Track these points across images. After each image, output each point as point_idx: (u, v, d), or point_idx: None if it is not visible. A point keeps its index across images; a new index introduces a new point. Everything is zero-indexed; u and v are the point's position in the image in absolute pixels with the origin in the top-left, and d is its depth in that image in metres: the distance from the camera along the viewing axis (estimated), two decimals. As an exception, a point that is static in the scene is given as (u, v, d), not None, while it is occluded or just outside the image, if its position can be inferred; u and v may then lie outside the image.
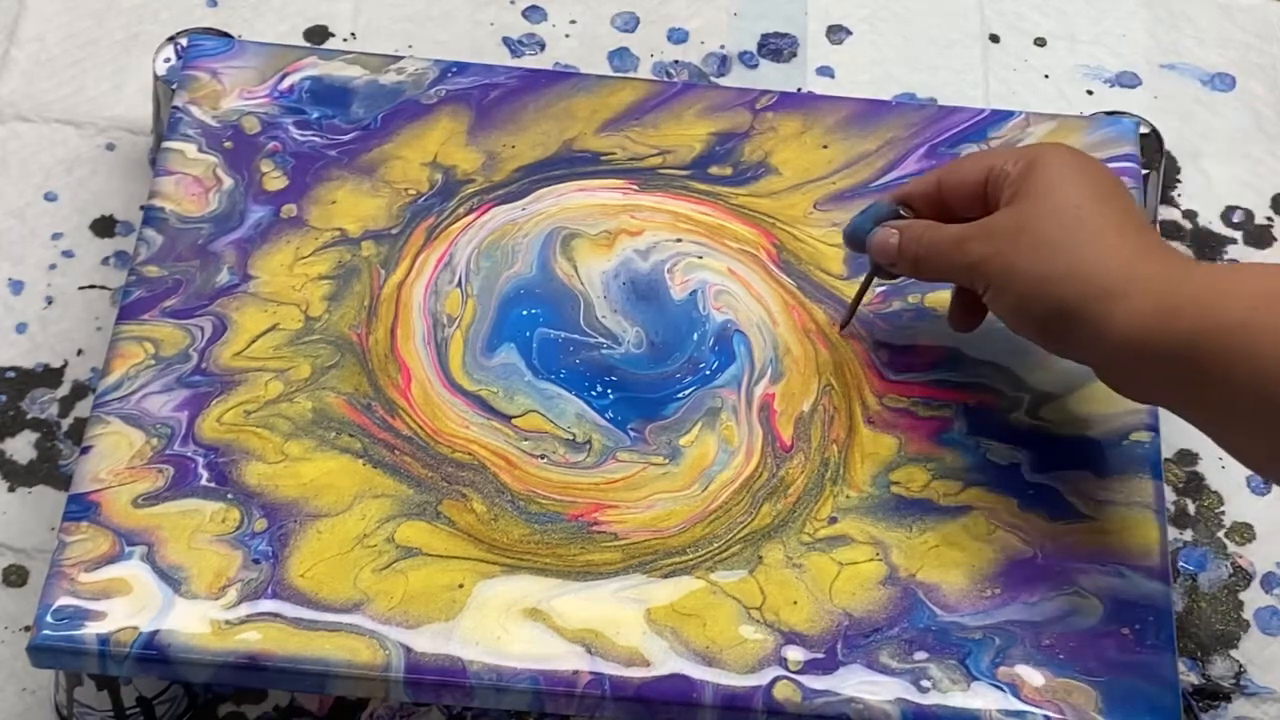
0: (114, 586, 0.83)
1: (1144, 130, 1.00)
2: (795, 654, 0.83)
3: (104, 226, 1.04)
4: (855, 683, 0.82)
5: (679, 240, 0.95)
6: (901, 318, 0.93)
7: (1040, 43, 1.12)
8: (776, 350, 0.92)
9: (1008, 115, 0.99)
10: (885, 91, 1.09)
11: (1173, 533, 0.96)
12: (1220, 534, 0.97)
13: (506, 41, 1.11)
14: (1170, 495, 0.98)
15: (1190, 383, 0.77)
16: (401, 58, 1.00)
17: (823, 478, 0.88)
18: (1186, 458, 0.99)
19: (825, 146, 0.98)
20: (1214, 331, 0.75)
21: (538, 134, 0.98)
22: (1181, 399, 0.79)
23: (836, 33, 1.12)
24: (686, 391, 0.90)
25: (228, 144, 0.96)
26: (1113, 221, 0.80)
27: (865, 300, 0.92)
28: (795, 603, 0.84)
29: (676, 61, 1.10)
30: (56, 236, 1.03)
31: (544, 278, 0.93)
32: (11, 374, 0.99)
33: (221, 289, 0.92)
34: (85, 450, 0.87)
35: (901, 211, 0.88)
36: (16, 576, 0.93)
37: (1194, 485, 0.98)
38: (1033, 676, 0.83)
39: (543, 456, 0.88)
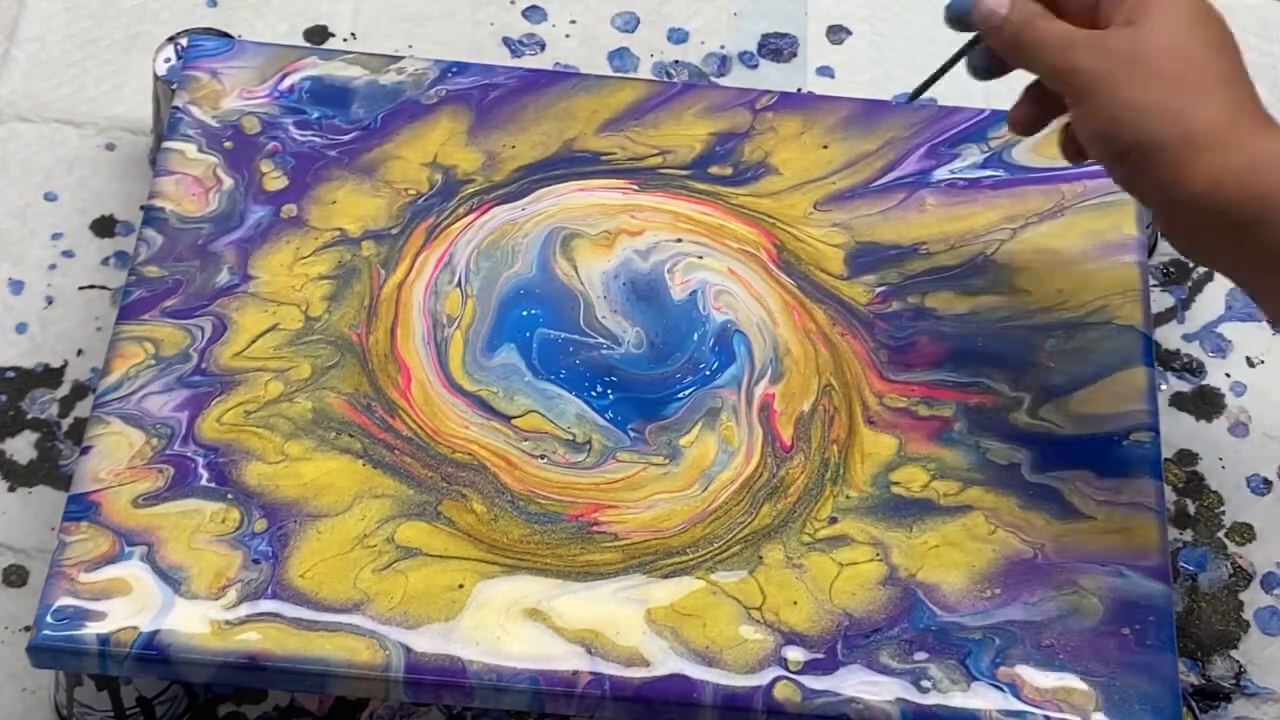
0: (114, 586, 0.83)
1: (1144, 130, 1.00)
2: (795, 654, 0.83)
3: (104, 226, 1.04)
4: (855, 683, 0.82)
5: (679, 240, 0.95)
6: (901, 318, 0.93)
7: (1040, 43, 1.12)
8: (776, 350, 0.92)
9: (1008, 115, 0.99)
10: (885, 91, 1.09)
11: (1173, 533, 0.96)
12: (1220, 534, 0.97)
13: (506, 41, 1.11)
14: (1170, 495, 0.98)
15: (1253, 249, 0.77)
16: (401, 58, 1.00)
17: (823, 478, 0.88)
18: (1186, 458, 0.99)
19: (825, 146, 0.98)
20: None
21: (538, 134, 0.98)
22: (1241, 264, 0.79)
23: (836, 33, 1.12)
24: (686, 392, 0.90)
25: (228, 144, 0.96)
26: (1222, 73, 0.79)
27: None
28: (795, 603, 0.84)
29: (676, 61, 1.10)
30: (56, 236, 1.03)
31: (544, 278, 0.93)
32: (11, 374, 0.99)
33: (221, 289, 0.92)
34: (85, 450, 0.87)
35: None
36: (16, 576, 0.93)
37: (1194, 485, 0.98)
38: (1033, 676, 0.83)
39: (543, 457, 0.88)
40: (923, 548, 0.86)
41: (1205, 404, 1.01)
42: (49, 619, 0.82)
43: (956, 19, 0.87)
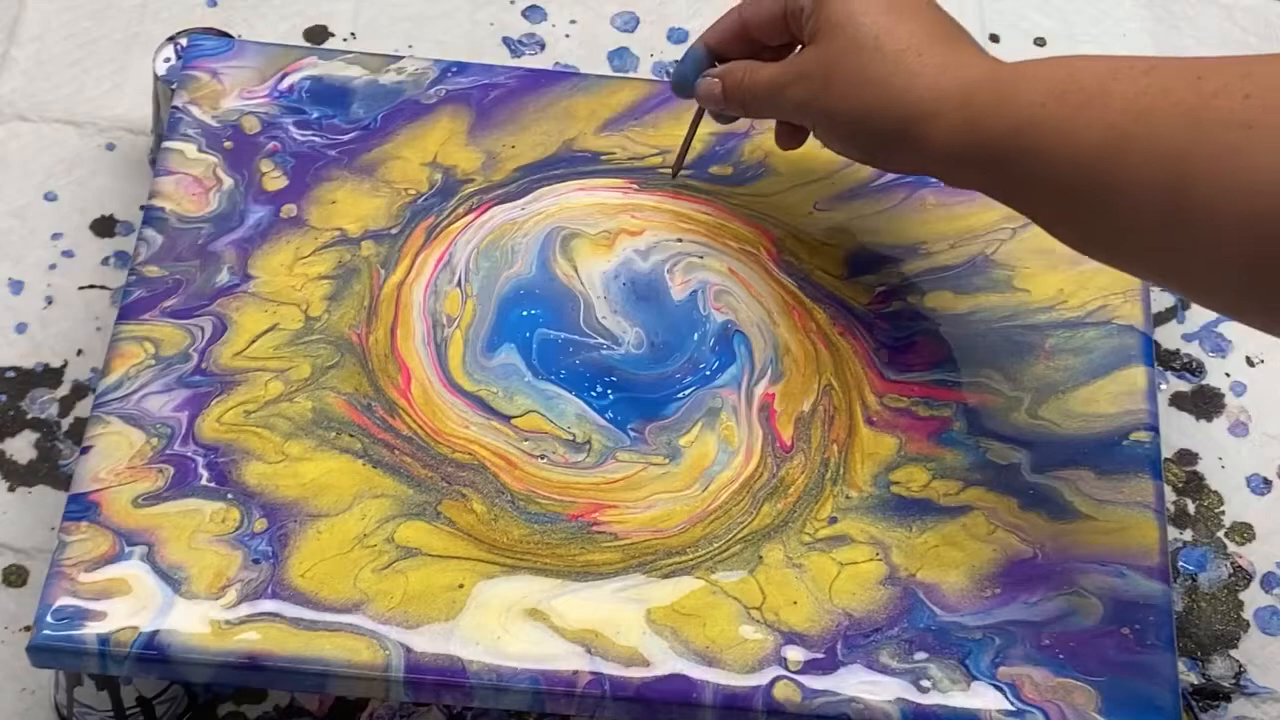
0: (114, 586, 0.83)
1: (1144, 130, 1.00)
2: (795, 654, 0.83)
3: (104, 226, 1.04)
4: (855, 683, 0.82)
5: (679, 240, 0.95)
6: (901, 317, 0.93)
7: (1040, 43, 1.12)
8: (777, 350, 0.92)
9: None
10: (885, 91, 1.09)
11: (1173, 533, 0.96)
12: (1220, 534, 0.97)
13: (506, 41, 1.11)
14: (1170, 495, 0.98)
15: (1004, 181, 0.80)
16: (401, 58, 1.00)
17: (823, 478, 0.88)
18: (1186, 458, 0.99)
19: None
20: (1011, 134, 0.78)
21: (538, 134, 0.98)
22: (1002, 195, 0.81)
23: (836, 33, 1.12)
24: (686, 392, 0.90)
25: (228, 144, 0.96)
26: (911, 41, 0.82)
27: (694, 141, 0.96)
28: (795, 603, 0.84)
29: (677, 62, 1.10)
30: (56, 236, 1.03)
31: (544, 278, 0.93)
32: (11, 374, 0.99)
33: (221, 289, 0.92)
34: (85, 450, 0.87)
35: (715, 56, 0.92)
36: (16, 576, 0.93)
37: (1194, 485, 0.98)
38: (1033, 676, 0.83)
39: (543, 457, 0.88)
40: (923, 547, 0.86)
41: (1205, 404, 1.01)
42: (49, 619, 0.82)
43: (679, 89, 0.94)
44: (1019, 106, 0.78)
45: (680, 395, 0.90)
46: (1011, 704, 0.82)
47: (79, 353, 0.99)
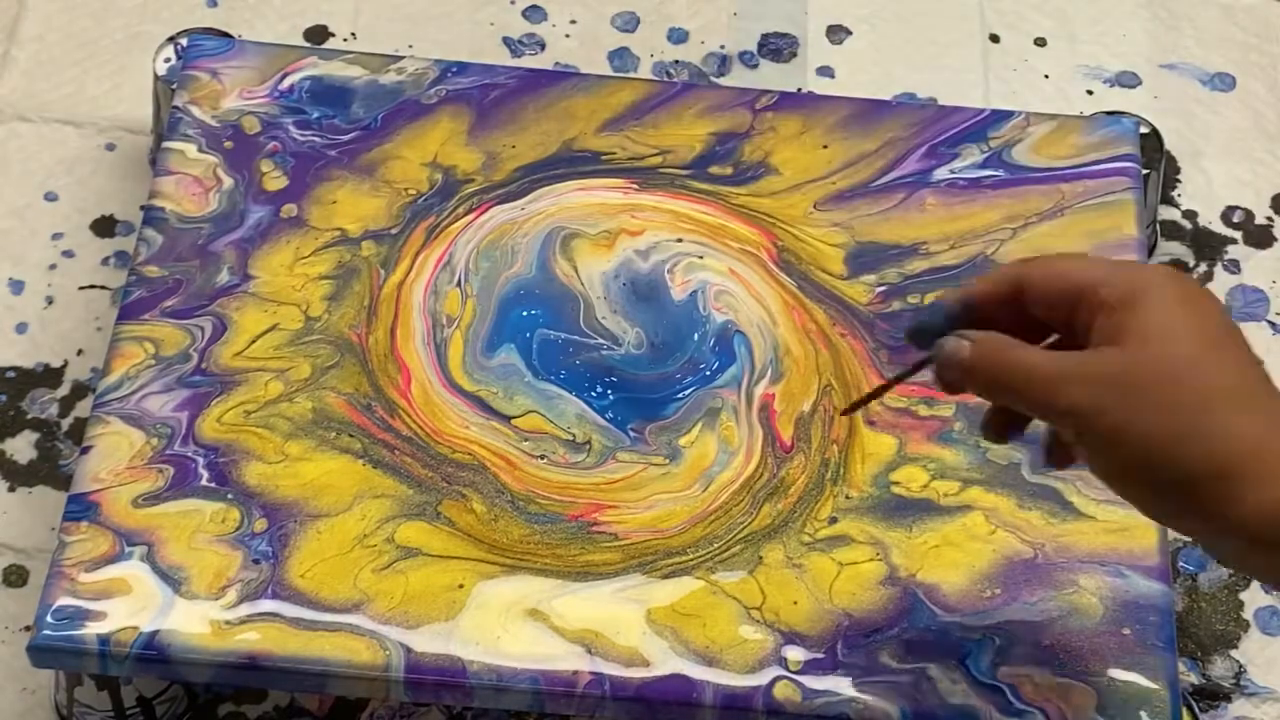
0: (114, 586, 0.83)
1: (1144, 130, 1.00)
2: (795, 654, 0.83)
3: (104, 226, 1.04)
4: (855, 683, 0.82)
5: (679, 240, 0.95)
6: (901, 318, 0.93)
7: (1040, 43, 1.12)
8: (776, 350, 0.92)
9: (1008, 115, 0.99)
10: (885, 91, 1.09)
11: (1172, 532, 0.96)
12: (1220, 534, 0.97)
13: (506, 41, 1.11)
14: (1170, 495, 0.97)
15: None
16: (401, 58, 1.00)
17: (823, 478, 0.88)
18: (1186, 458, 0.99)
19: (825, 146, 0.98)
20: None
21: (538, 134, 0.98)
22: None
23: (836, 33, 1.12)
24: (686, 392, 0.90)
25: (228, 144, 0.96)
26: (1234, 379, 0.70)
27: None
28: (795, 603, 0.84)
29: (676, 61, 1.10)
30: (56, 236, 1.03)
31: (544, 278, 0.93)
32: (11, 374, 0.99)
33: (221, 289, 0.92)
34: (85, 450, 0.87)
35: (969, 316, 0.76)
36: (16, 576, 0.93)
37: (1194, 485, 0.98)
38: (1033, 676, 0.83)
39: (543, 457, 0.88)
40: (923, 548, 0.86)
41: (1205, 404, 1.01)
42: (49, 619, 0.82)
43: (914, 340, 0.77)
44: None
45: (680, 395, 0.90)
46: (1011, 704, 0.82)
47: (79, 353, 0.99)
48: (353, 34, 1.11)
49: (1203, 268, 1.05)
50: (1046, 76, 1.11)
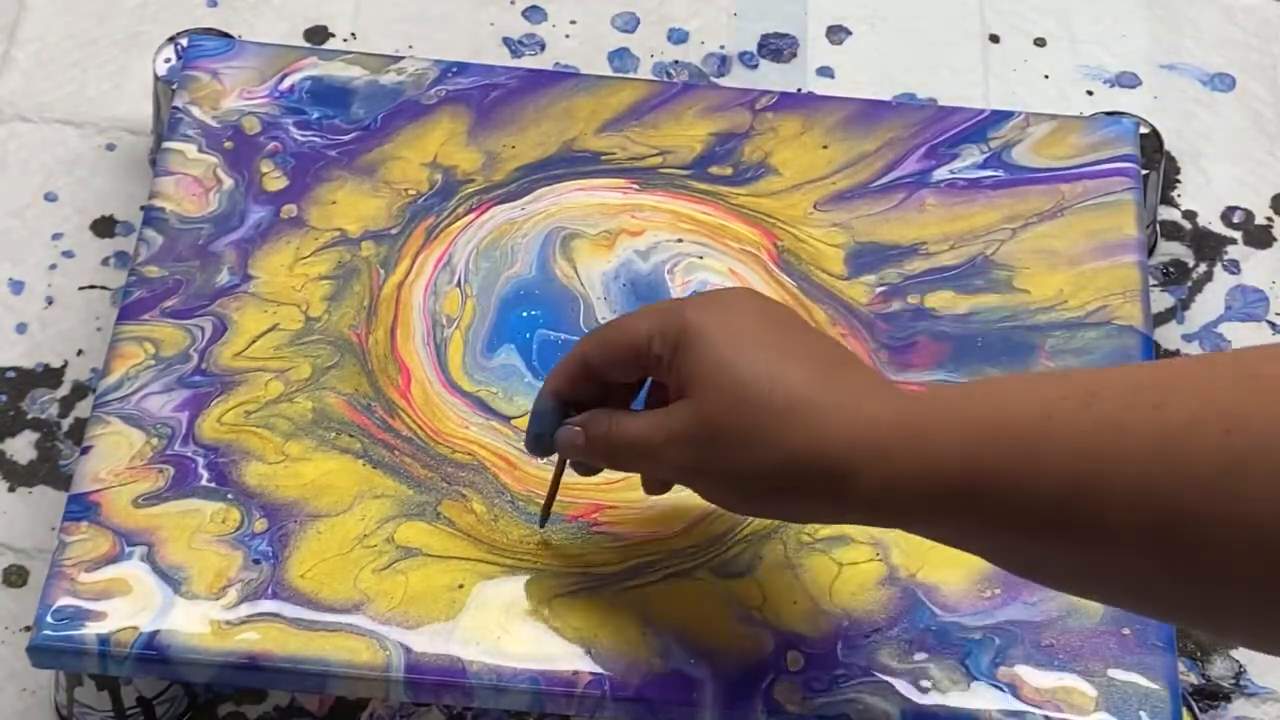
0: (114, 586, 0.83)
1: (1144, 130, 1.00)
2: (795, 654, 0.83)
3: (104, 226, 1.04)
4: (855, 683, 0.82)
5: (680, 240, 0.95)
6: (901, 318, 0.93)
7: (1040, 43, 1.12)
8: (776, 350, 0.91)
9: (1008, 115, 0.99)
10: (885, 91, 1.09)
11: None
12: (1220, 534, 0.97)
13: (506, 41, 1.11)
14: (1170, 495, 0.97)
15: (931, 530, 0.71)
16: (401, 58, 1.00)
17: (823, 478, 0.88)
18: (1186, 458, 0.99)
19: (825, 146, 0.98)
20: (942, 493, 0.68)
21: (538, 134, 0.98)
22: (930, 537, 0.72)
23: (836, 33, 1.12)
24: (686, 392, 0.90)
25: (228, 144, 0.96)
26: (805, 389, 0.72)
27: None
28: (795, 603, 0.84)
29: (676, 61, 1.10)
30: (56, 236, 1.03)
31: (543, 278, 0.93)
32: (11, 374, 0.99)
33: (221, 289, 0.92)
34: (85, 450, 0.87)
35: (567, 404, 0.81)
36: (16, 576, 0.93)
37: (1194, 485, 0.98)
38: (1033, 676, 0.83)
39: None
40: (923, 548, 0.86)
41: (1205, 404, 1.01)
42: (49, 619, 0.82)
43: (536, 451, 0.82)
44: (940, 460, 0.68)
45: (680, 395, 0.90)
46: (1011, 704, 0.82)
47: (79, 353, 0.99)
48: (353, 34, 1.11)
49: (1203, 268, 1.05)
50: (1046, 77, 1.11)
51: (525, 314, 0.92)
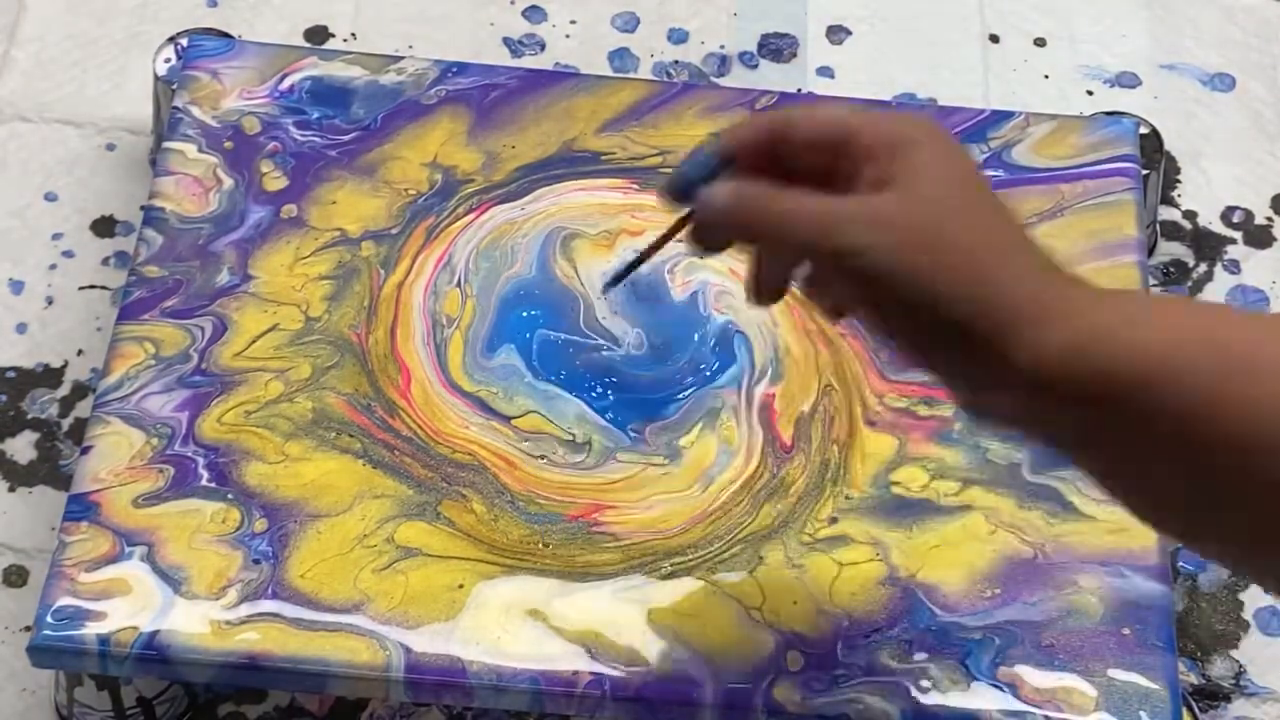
0: (114, 586, 0.83)
1: (1144, 130, 1.00)
2: (795, 654, 0.83)
3: (104, 226, 1.04)
4: (855, 683, 0.82)
5: (680, 240, 0.95)
6: (901, 318, 0.93)
7: (1040, 43, 1.12)
8: (777, 351, 0.92)
9: (1008, 115, 0.99)
10: (885, 91, 1.09)
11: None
12: (1220, 534, 0.97)
13: (506, 41, 1.11)
14: (1170, 495, 0.97)
15: (1101, 423, 0.66)
16: (401, 58, 1.00)
17: (823, 478, 0.88)
18: (1186, 458, 0.99)
19: (825, 147, 0.98)
20: (1131, 371, 0.64)
21: (538, 134, 0.98)
22: (1090, 442, 0.67)
23: (836, 33, 1.12)
24: (687, 392, 0.90)
25: (228, 144, 0.96)
26: (1004, 228, 0.69)
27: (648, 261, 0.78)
28: (795, 603, 0.84)
29: (676, 62, 1.10)
30: (56, 236, 1.03)
31: (543, 278, 0.93)
32: (11, 374, 0.99)
33: (221, 289, 0.92)
34: (85, 450, 0.87)
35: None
36: (16, 576, 0.93)
37: (1194, 485, 0.98)
38: (1033, 676, 0.83)
39: (543, 457, 0.88)
40: (923, 548, 0.86)
41: (1205, 404, 1.01)
42: (49, 619, 0.82)
43: (674, 192, 0.73)
44: (1147, 339, 0.65)
45: (680, 396, 0.90)
46: (1011, 704, 0.82)
47: (79, 353, 0.99)
48: (353, 34, 1.11)
49: (1203, 268, 1.05)
50: (1046, 77, 1.11)
51: (525, 314, 0.92)
